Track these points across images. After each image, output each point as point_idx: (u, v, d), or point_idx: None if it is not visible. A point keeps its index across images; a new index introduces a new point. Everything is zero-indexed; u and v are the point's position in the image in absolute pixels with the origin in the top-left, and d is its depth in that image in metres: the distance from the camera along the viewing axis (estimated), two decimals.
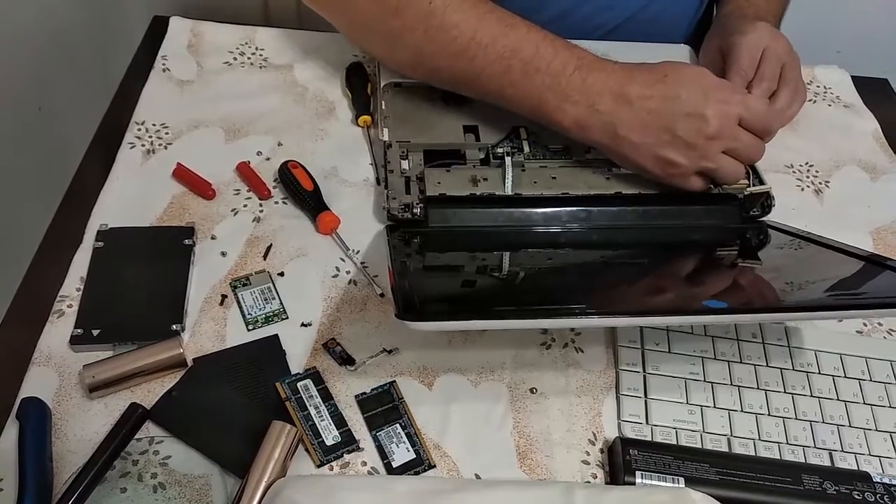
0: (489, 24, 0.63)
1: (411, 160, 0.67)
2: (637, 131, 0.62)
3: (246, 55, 0.80)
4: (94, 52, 1.15)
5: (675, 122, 0.61)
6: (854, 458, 0.56)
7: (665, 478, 0.51)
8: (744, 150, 0.63)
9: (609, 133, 0.63)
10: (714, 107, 0.61)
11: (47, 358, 0.56)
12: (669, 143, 0.62)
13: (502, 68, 0.63)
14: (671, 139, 0.62)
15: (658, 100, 0.61)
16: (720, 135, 0.62)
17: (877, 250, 0.71)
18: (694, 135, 0.61)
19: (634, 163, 0.64)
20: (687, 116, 0.61)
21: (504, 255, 0.66)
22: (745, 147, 0.63)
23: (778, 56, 0.73)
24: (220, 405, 0.54)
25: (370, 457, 0.53)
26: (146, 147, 0.70)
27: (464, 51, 0.63)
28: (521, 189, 0.65)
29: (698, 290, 0.60)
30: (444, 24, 0.63)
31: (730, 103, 0.62)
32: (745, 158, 0.64)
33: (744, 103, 0.63)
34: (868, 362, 0.61)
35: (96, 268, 0.60)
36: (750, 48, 0.73)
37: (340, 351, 0.58)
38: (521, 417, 0.56)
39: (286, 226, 0.66)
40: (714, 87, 0.62)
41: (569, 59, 0.62)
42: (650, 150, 0.62)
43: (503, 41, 0.62)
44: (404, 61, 0.68)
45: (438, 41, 0.64)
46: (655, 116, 0.61)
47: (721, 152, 0.63)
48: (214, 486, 0.51)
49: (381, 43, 0.69)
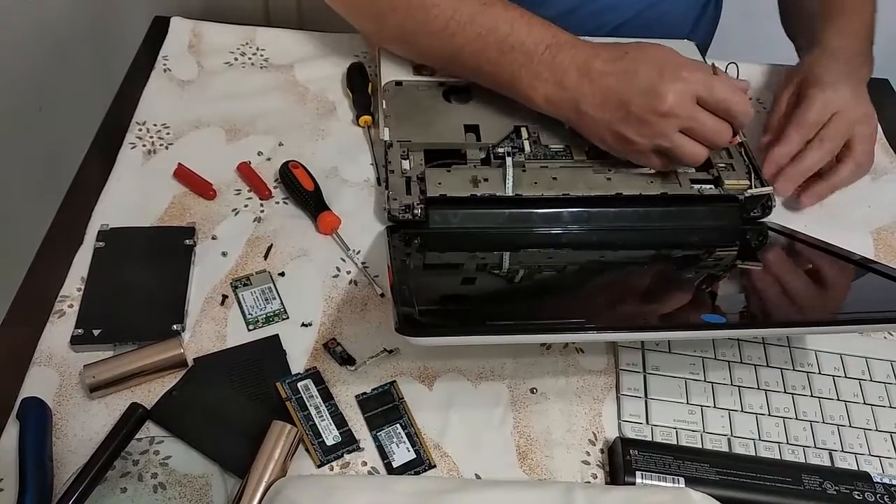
0: (467, 4, 0.65)
1: (412, 160, 0.67)
2: (597, 107, 0.63)
3: (247, 55, 0.80)
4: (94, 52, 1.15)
5: (631, 98, 0.61)
6: (854, 458, 0.56)
7: (665, 478, 0.51)
8: (703, 132, 0.62)
9: (573, 108, 0.64)
10: (669, 84, 0.61)
11: (48, 358, 0.56)
12: (624, 119, 0.62)
13: (480, 46, 0.65)
14: (626, 115, 0.62)
15: (616, 76, 0.62)
16: (673, 112, 0.61)
17: (877, 250, 0.71)
18: (647, 111, 0.61)
19: (597, 138, 0.65)
20: (641, 93, 0.61)
21: (504, 257, 0.66)
22: (704, 128, 0.62)
23: (849, 122, 0.70)
24: (220, 405, 0.54)
25: (370, 457, 0.54)
26: (147, 147, 0.70)
27: (443, 29, 0.66)
28: (522, 190, 0.65)
29: (697, 301, 0.60)
30: (424, 3, 0.66)
31: (687, 81, 0.61)
32: (705, 140, 0.63)
33: (703, 82, 0.62)
34: (868, 362, 0.61)
35: (97, 268, 0.60)
36: (822, 106, 0.70)
37: (341, 351, 0.58)
38: (521, 417, 0.56)
39: (287, 226, 0.66)
40: (673, 65, 0.62)
41: (542, 37, 0.64)
42: (608, 126, 0.63)
43: (480, 20, 0.65)
44: (390, 39, 0.73)
45: (420, 20, 0.67)
46: (613, 92, 0.62)
47: (679, 132, 0.62)
48: (214, 486, 0.51)
49: (369, 22, 0.73)
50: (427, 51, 0.70)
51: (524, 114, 0.71)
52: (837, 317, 0.57)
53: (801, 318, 0.58)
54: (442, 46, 0.67)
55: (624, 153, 0.65)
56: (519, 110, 0.72)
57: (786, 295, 0.61)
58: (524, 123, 0.70)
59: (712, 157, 0.70)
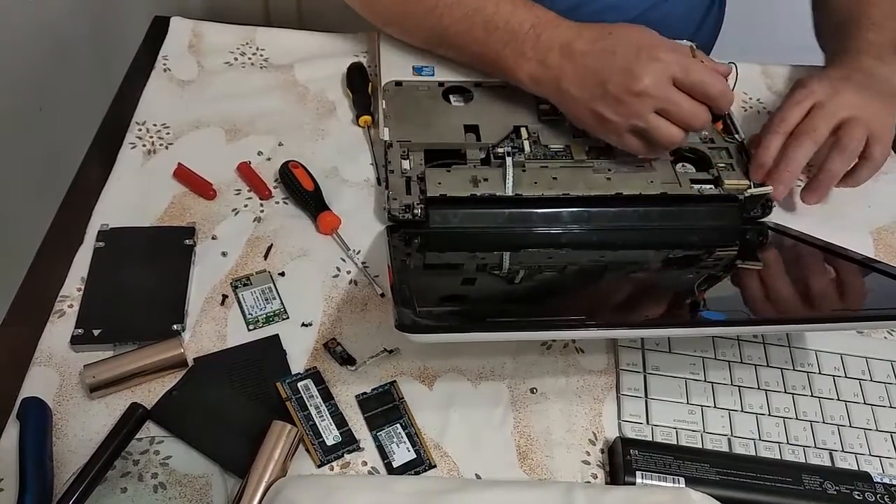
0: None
1: (412, 160, 0.67)
2: (576, 85, 0.64)
3: (246, 55, 0.80)
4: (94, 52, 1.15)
5: (608, 77, 0.62)
6: (854, 458, 0.56)
7: (665, 478, 0.51)
8: (678, 113, 0.63)
9: (554, 87, 0.65)
10: (645, 64, 0.61)
11: (48, 358, 0.56)
12: (601, 97, 0.63)
13: (467, 26, 0.68)
14: (603, 94, 0.63)
15: (596, 55, 0.63)
16: (648, 92, 0.61)
17: (877, 250, 0.71)
18: (622, 91, 0.62)
19: (576, 117, 0.67)
20: (618, 72, 0.62)
21: (504, 257, 0.66)
22: (679, 110, 0.62)
23: (832, 114, 0.68)
24: (220, 405, 0.54)
25: (370, 457, 0.54)
26: (147, 147, 0.70)
27: (432, 10, 0.68)
28: (522, 190, 0.65)
29: (697, 299, 0.60)
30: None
31: (663, 62, 0.62)
32: (681, 122, 0.63)
33: (679, 63, 0.62)
34: (868, 362, 0.61)
35: (97, 268, 0.60)
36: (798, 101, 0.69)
37: (341, 351, 0.58)
38: (521, 417, 0.56)
39: (287, 226, 0.66)
40: (650, 46, 0.63)
41: (526, 17, 0.66)
42: (586, 105, 0.64)
43: (467, 0, 0.67)
44: (382, 21, 0.75)
45: (410, 1, 0.70)
46: (591, 71, 0.63)
47: (654, 112, 0.62)
48: (214, 486, 0.51)
49: (363, 7, 0.75)
50: (417, 32, 0.73)
51: (524, 114, 0.72)
52: (838, 314, 0.57)
53: (802, 315, 0.58)
54: (431, 27, 0.70)
55: (602, 133, 0.66)
56: (519, 110, 0.72)
57: (786, 293, 0.61)
58: (524, 123, 0.70)
59: (712, 157, 0.70)
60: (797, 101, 0.70)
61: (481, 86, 0.73)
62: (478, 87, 0.73)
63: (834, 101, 0.68)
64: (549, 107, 0.71)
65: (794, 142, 0.68)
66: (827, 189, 0.70)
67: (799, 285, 0.62)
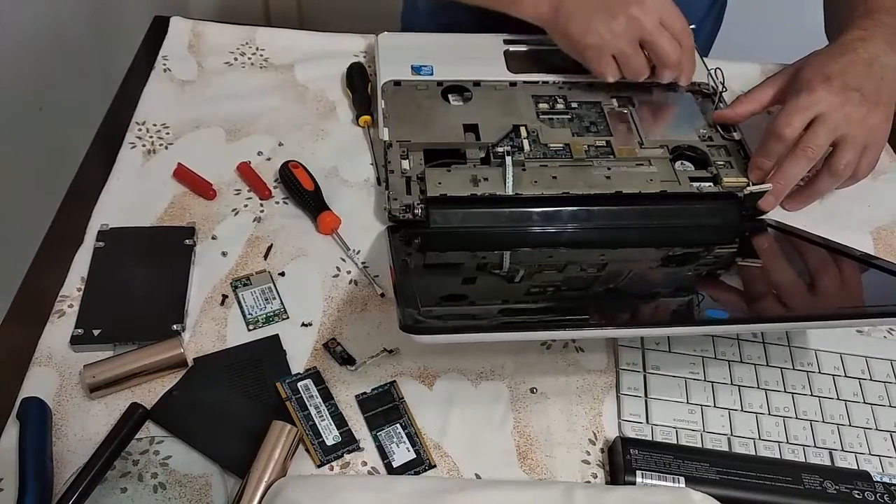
0: None
1: (412, 160, 0.67)
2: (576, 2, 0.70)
3: (246, 55, 0.80)
4: (94, 52, 1.15)
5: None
6: (854, 458, 0.56)
7: (665, 477, 0.51)
8: (659, 47, 0.69)
9: (554, 4, 0.70)
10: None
11: (48, 358, 0.56)
12: (602, 9, 0.68)
13: None
14: (604, 6, 0.68)
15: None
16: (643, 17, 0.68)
17: (877, 250, 0.71)
18: (622, 8, 0.68)
19: (566, 34, 0.70)
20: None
21: (505, 256, 0.66)
22: (660, 44, 0.69)
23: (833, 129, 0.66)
24: (220, 405, 0.54)
25: (370, 457, 0.54)
26: (147, 147, 0.70)
27: None
28: (522, 189, 0.65)
29: (698, 297, 0.60)
30: None
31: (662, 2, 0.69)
32: (658, 55, 0.69)
33: (673, 10, 0.69)
34: (868, 362, 0.61)
35: (97, 268, 0.60)
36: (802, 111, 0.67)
37: (341, 351, 0.58)
38: (521, 417, 0.56)
39: (287, 226, 0.66)
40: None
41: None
42: (581, 17, 0.69)
43: None
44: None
45: None
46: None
47: (637, 42, 0.69)
48: (214, 486, 0.51)
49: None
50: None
51: (523, 113, 0.72)
52: (838, 311, 0.57)
53: (802, 312, 0.58)
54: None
55: (586, 50, 0.70)
56: (517, 109, 0.72)
57: (786, 290, 0.61)
58: (523, 122, 0.71)
59: (711, 155, 0.70)
60: (803, 106, 0.67)
61: (480, 85, 0.74)
62: (476, 86, 0.74)
63: (838, 115, 0.66)
64: (549, 105, 0.71)
65: (792, 157, 0.67)
66: (809, 203, 0.72)
67: (799, 282, 0.62)
